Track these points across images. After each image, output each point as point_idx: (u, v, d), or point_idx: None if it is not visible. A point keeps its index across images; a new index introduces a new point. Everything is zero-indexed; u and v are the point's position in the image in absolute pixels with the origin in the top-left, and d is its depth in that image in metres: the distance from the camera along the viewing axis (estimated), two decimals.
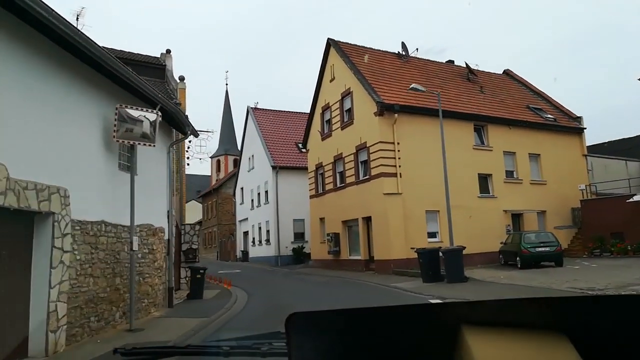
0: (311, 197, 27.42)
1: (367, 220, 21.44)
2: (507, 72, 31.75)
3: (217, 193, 47.07)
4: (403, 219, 19.84)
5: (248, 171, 37.21)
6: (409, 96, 22.19)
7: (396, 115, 20.21)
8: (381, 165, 20.11)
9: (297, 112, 37.06)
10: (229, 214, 44.56)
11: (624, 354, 0.93)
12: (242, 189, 39.37)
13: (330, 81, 24.89)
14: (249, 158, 37.02)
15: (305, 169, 29.00)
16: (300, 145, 33.58)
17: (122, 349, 1.45)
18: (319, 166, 26.12)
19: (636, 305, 0.95)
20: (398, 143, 20.39)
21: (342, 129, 23.58)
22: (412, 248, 19.60)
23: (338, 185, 24.01)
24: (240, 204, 39.77)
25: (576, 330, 0.92)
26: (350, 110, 22.93)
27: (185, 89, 17.89)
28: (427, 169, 21.00)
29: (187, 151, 18.41)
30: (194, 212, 58.73)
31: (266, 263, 31.79)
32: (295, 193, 30.76)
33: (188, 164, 19.29)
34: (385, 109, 20.20)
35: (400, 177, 20.23)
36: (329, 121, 25.24)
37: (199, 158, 18.37)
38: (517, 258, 18.73)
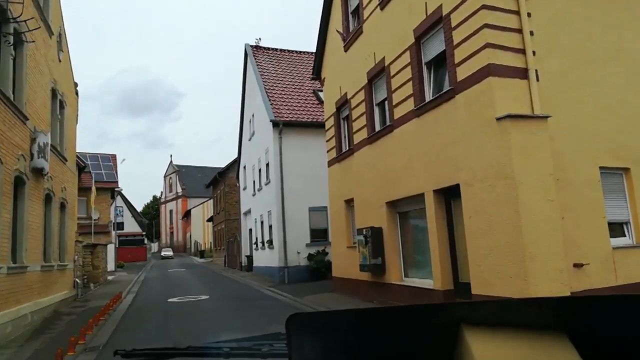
0: (330, 163, 15.22)
1: (449, 195, 9.06)
2: None
3: (223, 178, 35.77)
4: (554, 188, 7.33)
5: (249, 140, 25.52)
6: None
7: None
8: (487, 47, 7.64)
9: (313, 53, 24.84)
10: (237, 206, 33.16)
11: (624, 354, 0.92)
12: (244, 167, 27.76)
13: None
14: (250, 120, 25.31)
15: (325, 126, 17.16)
16: (320, 94, 21.52)
17: (122, 350, 1.45)
18: (342, 103, 13.87)
19: (636, 305, 0.93)
20: (528, 14, 7.85)
21: (382, 8, 11.20)
22: (578, 265, 7.29)
23: (377, 129, 11.67)
24: (244, 189, 28.17)
25: (576, 330, 0.92)
26: None
27: None
28: (599, 67, 8.43)
29: None
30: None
31: (269, 278, 20.04)
32: (311, 166, 18.81)
33: None
34: None
35: (538, 79, 7.73)
36: (356, 10, 12.92)
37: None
38: None
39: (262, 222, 22.39)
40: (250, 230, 26.24)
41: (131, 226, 68.02)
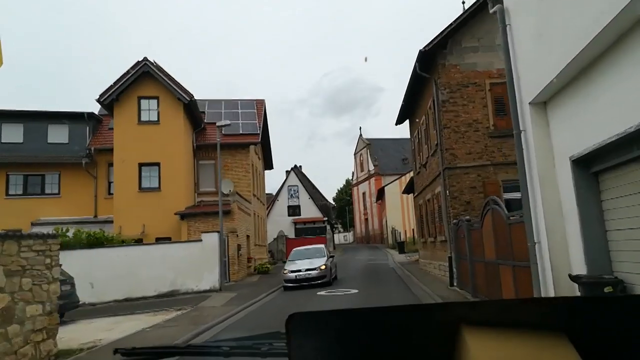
0: None
1: None
2: None
3: (433, 70, 15.30)
4: None
5: None
6: None
7: None
8: None
9: None
10: (472, 130, 12.09)
11: (624, 354, 0.90)
12: None
13: None
14: None
15: None
16: None
17: (122, 349, 1.43)
18: None
19: (636, 305, 0.92)
20: None
21: None
22: None
23: None
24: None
25: (576, 330, 0.90)
26: None
27: None
28: None
29: None
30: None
31: None
32: None
33: None
34: None
35: None
36: None
37: None
38: None
39: None
40: None
41: (309, 210, 53.05)
